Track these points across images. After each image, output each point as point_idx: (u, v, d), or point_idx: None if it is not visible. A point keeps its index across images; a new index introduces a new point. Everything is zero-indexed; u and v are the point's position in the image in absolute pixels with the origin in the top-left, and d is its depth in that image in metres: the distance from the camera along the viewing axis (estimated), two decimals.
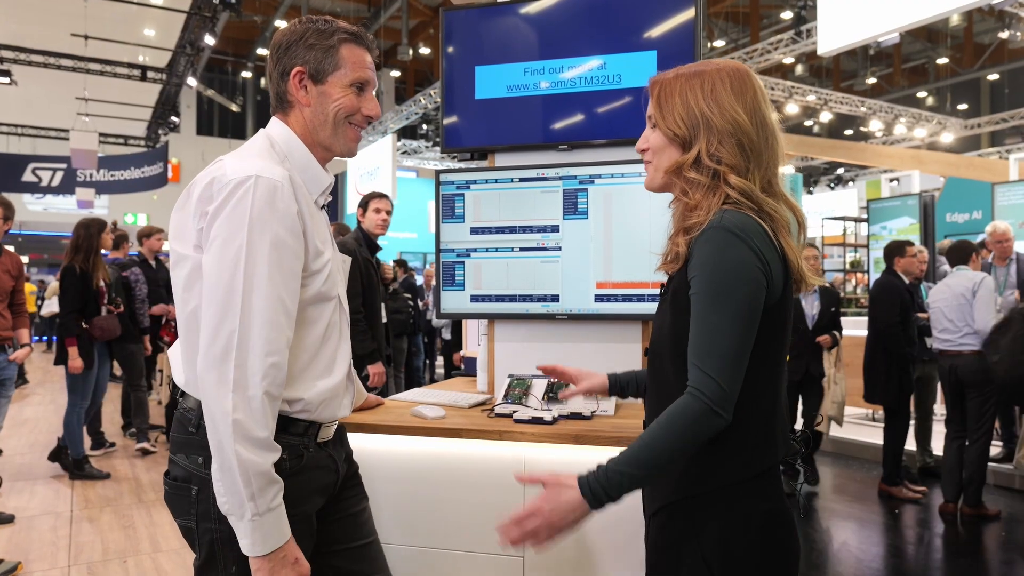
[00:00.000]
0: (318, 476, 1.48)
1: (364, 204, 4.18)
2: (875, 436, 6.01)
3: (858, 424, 6.65)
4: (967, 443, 4.51)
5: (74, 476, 5.12)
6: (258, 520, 1.27)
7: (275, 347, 1.30)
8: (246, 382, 1.27)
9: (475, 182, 2.49)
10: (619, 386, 1.64)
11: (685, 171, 1.28)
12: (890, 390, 4.83)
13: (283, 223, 1.33)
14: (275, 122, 1.51)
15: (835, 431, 6.45)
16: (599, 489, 1.15)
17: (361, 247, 4.05)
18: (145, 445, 5.89)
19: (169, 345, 6.41)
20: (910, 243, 5.11)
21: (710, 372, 1.16)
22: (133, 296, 5.82)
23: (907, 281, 4.93)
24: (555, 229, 2.42)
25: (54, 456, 5.36)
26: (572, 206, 2.40)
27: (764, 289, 1.20)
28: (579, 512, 1.16)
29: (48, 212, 21.12)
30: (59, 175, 16.32)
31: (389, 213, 4.18)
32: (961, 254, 4.69)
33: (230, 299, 1.29)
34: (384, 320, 4.30)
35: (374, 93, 1.54)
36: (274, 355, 1.30)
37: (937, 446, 5.18)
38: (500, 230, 2.47)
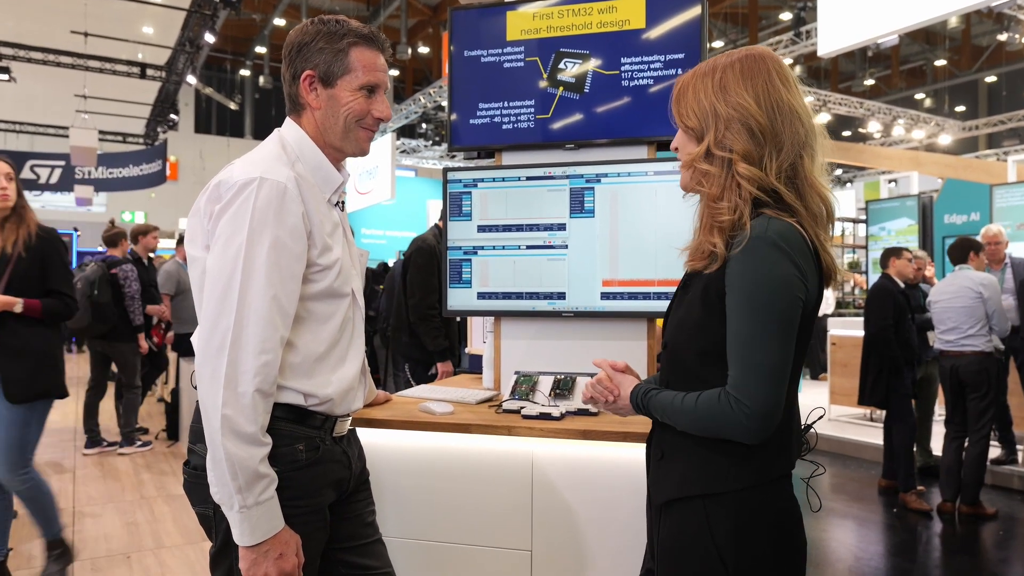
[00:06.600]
0: (332, 470, 1.51)
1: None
2: (873, 436, 6.04)
3: (856, 424, 6.69)
4: (967, 443, 4.54)
5: None
6: (245, 512, 1.30)
7: (268, 345, 1.33)
8: (237, 378, 1.30)
9: (482, 180, 2.51)
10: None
11: (698, 163, 1.28)
12: (876, 392, 4.83)
13: (284, 225, 1.36)
14: (288, 123, 1.54)
15: (834, 431, 6.49)
16: (642, 410, 1.39)
17: (440, 242, 3.86)
18: (128, 450, 5.80)
19: (157, 346, 6.37)
20: (906, 249, 5.11)
21: (752, 387, 1.17)
22: (123, 294, 5.66)
23: (901, 284, 4.94)
24: (562, 227, 2.44)
25: None
26: (579, 204, 2.42)
27: (801, 306, 1.21)
28: (631, 413, 1.46)
29: (46, 209, 21.06)
30: (57, 172, 16.26)
31: None
32: (960, 252, 4.71)
33: (227, 296, 1.32)
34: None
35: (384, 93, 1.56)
36: (267, 353, 1.32)
37: (936, 446, 5.20)
38: (507, 228, 2.49)
